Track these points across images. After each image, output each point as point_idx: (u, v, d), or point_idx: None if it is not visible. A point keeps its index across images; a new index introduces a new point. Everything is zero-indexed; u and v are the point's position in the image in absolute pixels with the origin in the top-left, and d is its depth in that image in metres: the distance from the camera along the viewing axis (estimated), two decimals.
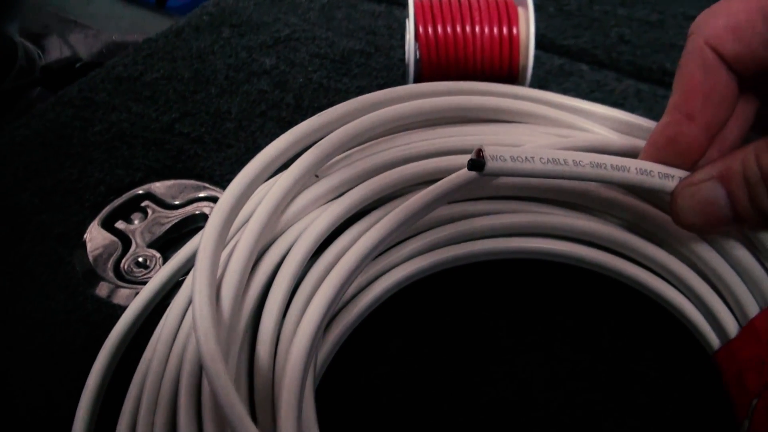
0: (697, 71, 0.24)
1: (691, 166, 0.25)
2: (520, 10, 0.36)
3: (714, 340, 0.27)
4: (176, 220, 0.35)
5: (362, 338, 0.28)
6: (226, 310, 0.23)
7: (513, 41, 0.36)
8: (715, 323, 0.27)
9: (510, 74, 0.37)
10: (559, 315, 0.30)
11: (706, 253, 0.27)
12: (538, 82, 0.40)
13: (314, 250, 0.26)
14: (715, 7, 0.24)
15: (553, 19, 0.46)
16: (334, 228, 0.27)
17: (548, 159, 0.22)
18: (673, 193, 0.24)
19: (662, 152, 0.25)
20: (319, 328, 0.24)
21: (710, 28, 0.24)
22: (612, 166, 0.23)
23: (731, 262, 0.27)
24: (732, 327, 0.26)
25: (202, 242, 0.24)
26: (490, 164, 0.21)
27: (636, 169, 0.23)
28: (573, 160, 0.22)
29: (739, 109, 0.26)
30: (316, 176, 0.29)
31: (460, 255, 0.29)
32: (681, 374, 0.28)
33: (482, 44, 0.36)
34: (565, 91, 0.40)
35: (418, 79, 0.37)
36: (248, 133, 0.39)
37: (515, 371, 0.28)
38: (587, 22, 0.45)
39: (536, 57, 0.42)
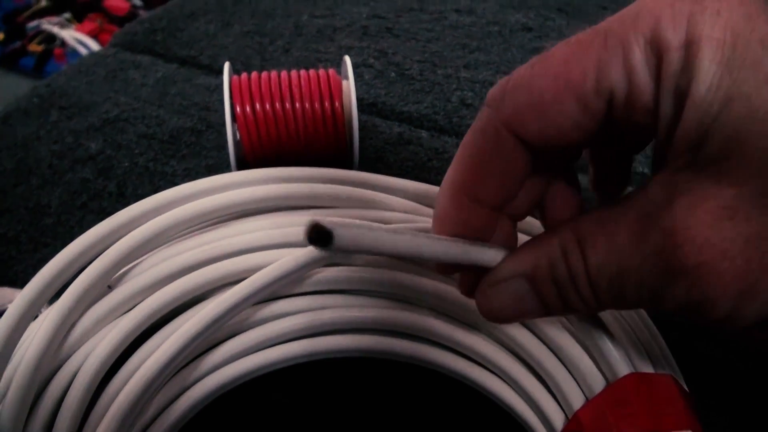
0: (489, 151, 0.21)
1: None
2: (344, 83, 0.35)
3: None
4: None
5: None
6: None
7: (336, 116, 0.34)
8: (540, 414, 0.25)
9: (337, 150, 0.35)
10: (380, 416, 0.28)
11: (526, 339, 0.25)
12: (375, 153, 0.39)
13: (100, 376, 0.24)
14: (514, 80, 0.20)
15: (394, 84, 0.45)
16: (125, 347, 0.25)
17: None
18: (477, 291, 0.23)
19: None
20: None
21: (510, 105, 0.20)
22: None
23: (553, 349, 0.25)
24: (558, 419, 0.25)
25: None
26: (339, 231, 0.15)
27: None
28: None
29: (529, 182, 0.22)
30: (109, 287, 0.26)
31: (269, 361, 0.27)
32: None
33: (304, 121, 0.34)
34: (402, 161, 0.39)
35: (240, 162, 0.35)
36: (66, 228, 0.36)
37: None
38: (429, 87, 0.45)
39: (374, 125, 0.41)
